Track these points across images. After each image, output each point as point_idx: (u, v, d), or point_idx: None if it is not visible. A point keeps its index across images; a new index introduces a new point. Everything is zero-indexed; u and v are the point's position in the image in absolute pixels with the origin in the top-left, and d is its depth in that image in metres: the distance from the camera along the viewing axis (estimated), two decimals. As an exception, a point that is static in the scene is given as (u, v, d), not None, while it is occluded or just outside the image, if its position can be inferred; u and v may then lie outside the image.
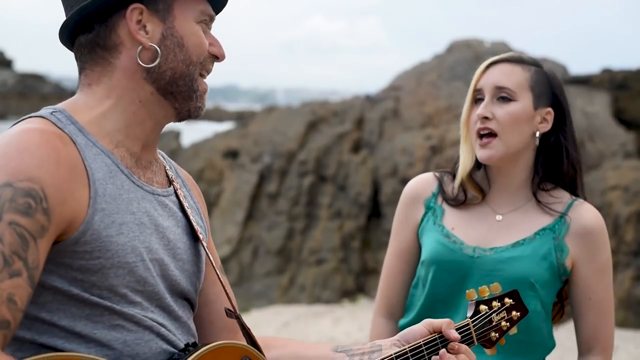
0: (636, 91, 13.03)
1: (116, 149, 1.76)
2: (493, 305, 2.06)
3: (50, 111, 1.74)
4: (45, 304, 1.64)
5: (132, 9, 1.75)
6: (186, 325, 1.82)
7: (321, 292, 12.05)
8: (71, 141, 1.69)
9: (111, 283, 1.67)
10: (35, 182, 1.59)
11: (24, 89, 48.66)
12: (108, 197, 1.69)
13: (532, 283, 2.42)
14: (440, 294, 2.47)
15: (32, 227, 1.57)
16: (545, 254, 2.44)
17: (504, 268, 2.42)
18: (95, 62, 1.78)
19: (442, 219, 2.53)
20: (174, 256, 1.80)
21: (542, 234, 2.47)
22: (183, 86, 1.79)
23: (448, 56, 14.10)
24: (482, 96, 2.48)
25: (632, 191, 10.60)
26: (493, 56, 2.57)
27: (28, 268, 1.56)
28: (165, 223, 1.79)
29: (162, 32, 1.77)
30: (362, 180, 12.49)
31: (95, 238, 1.65)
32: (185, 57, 1.79)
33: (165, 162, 1.93)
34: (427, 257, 2.49)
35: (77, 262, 1.64)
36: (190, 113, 1.84)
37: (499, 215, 2.51)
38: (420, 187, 2.59)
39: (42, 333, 1.65)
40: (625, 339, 9.34)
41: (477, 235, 2.49)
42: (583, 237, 2.46)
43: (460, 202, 2.53)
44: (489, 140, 2.44)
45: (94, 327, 1.66)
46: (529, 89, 2.47)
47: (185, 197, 1.90)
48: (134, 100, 1.78)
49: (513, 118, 2.44)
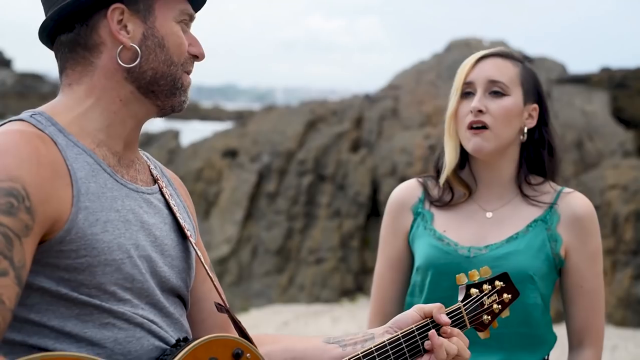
0: (635, 90, 13.03)
1: (98, 148, 1.75)
2: (484, 288, 2.06)
3: (30, 114, 1.74)
4: (34, 305, 1.64)
5: (113, 8, 1.76)
6: (179, 322, 1.81)
7: (320, 292, 12.04)
8: (52, 141, 1.68)
9: (99, 281, 1.66)
10: (17, 181, 1.58)
11: (23, 89, 48.63)
12: (91, 195, 1.68)
13: (531, 276, 2.42)
14: (438, 298, 2.43)
15: (15, 226, 1.56)
16: (540, 246, 2.45)
17: (501, 264, 2.41)
18: (76, 61, 1.78)
19: (432, 223, 2.52)
20: (162, 252, 1.79)
21: (534, 225, 2.47)
22: (164, 85, 1.80)
23: (447, 55, 14.09)
24: (472, 90, 2.48)
25: (631, 190, 10.59)
26: None
27: (14, 267, 1.55)
28: (151, 220, 1.79)
29: (143, 32, 1.78)
30: (361, 179, 12.49)
31: (80, 236, 1.64)
32: (166, 58, 1.79)
33: (149, 161, 1.93)
34: (423, 262, 2.48)
35: (63, 262, 1.64)
36: (173, 108, 1.84)
37: (488, 212, 2.51)
38: (405, 194, 2.58)
39: (32, 334, 1.64)
40: (624, 338, 9.34)
41: (469, 235, 2.48)
42: (574, 223, 2.47)
43: (447, 202, 2.52)
44: (481, 131, 2.44)
45: (84, 326, 1.66)
46: (520, 84, 2.48)
47: (171, 195, 1.90)
48: (115, 99, 1.78)
49: (506, 112, 2.45)
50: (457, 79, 2.51)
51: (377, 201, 12.40)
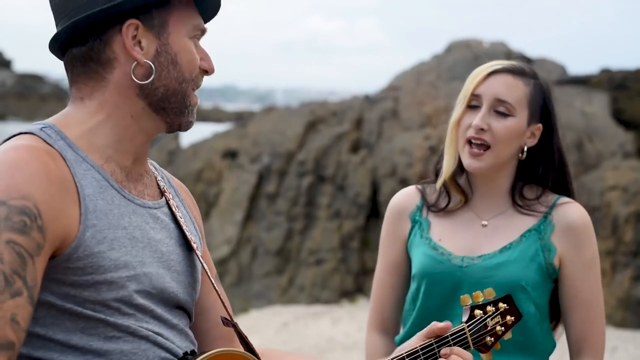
0: (635, 91, 13.03)
1: (106, 163, 1.74)
2: (487, 310, 2.07)
3: (40, 127, 1.72)
4: (40, 318, 1.63)
5: (129, 24, 1.73)
6: (183, 332, 1.81)
7: (320, 293, 12.04)
8: (61, 157, 1.67)
9: (103, 298, 1.66)
10: (29, 199, 1.58)
11: (23, 90, 48.63)
12: (99, 212, 1.67)
13: (522, 286, 2.42)
14: (432, 307, 2.47)
15: (29, 245, 1.56)
16: (532, 256, 2.44)
17: (493, 274, 2.42)
18: (88, 76, 1.76)
19: (428, 232, 2.52)
20: (169, 268, 1.78)
21: (528, 235, 2.46)
22: (175, 103, 1.78)
23: (447, 56, 14.10)
24: (478, 103, 2.46)
25: (631, 191, 10.60)
26: (492, 56, 2.56)
27: (27, 287, 1.55)
28: (157, 236, 1.78)
29: (156, 49, 1.75)
30: (361, 180, 12.49)
31: (87, 254, 1.64)
32: (178, 75, 1.77)
33: (157, 172, 1.91)
34: (417, 271, 2.49)
35: (69, 278, 1.63)
36: (180, 127, 1.82)
37: (484, 221, 2.51)
38: (404, 201, 2.58)
39: (37, 348, 1.64)
40: (624, 339, 9.34)
41: (464, 244, 2.48)
42: (568, 233, 2.46)
43: (443, 207, 2.52)
44: (480, 152, 2.44)
45: (89, 339, 1.65)
46: (527, 106, 2.46)
47: (177, 207, 1.89)
48: (126, 115, 1.76)
49: (508, 133, 2.44)
50: (465, 88, 2.49)
51: (377, 202, 12.40)
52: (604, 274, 10.40)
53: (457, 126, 2.49)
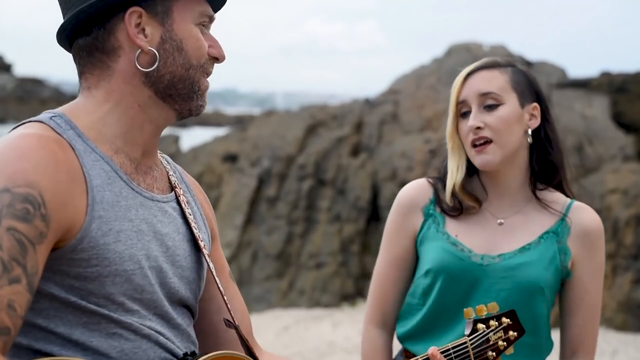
0: (635, 94, 13.03)
1: (115, 155, 1.73)
2: (490, 324, 2.06)
3: (49, 116, 1.72)
4: (42, 310, 1.63)
5: (131, 12, 1.73)
6: (186, 332, 1.79)
7: (320, 296, 12.04)
8: (69, 147, 1.66)
9: (108, 291, 1.65)
10: (34, 187, 1.57)
11: (23, 93, 48.65)
12: (106, 204, 1.66)
13: (542, 288, 2.41)
14: (447, 303, 2.45)
15: (30, 233, 1.55)
16: (551, 258, 2.44)
17: (514, 275, 2.41)
18: (94, 65, 1.76)
19: (444, 227, 2.49)
20: (173, 263, 1.77)
21: (546, 237, 2.46)
22: (182, 89, 1.77)
23: (447, 59, 14.10)
24: (467, 108, 2.47)
25: (631, 194, 10.59)
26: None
27: (27, 274, 1.54)
28: (164, 229, 1.77)
29: (161, 36, 1.75)
30: (361, 184, 12.49)
31: (92, 246, 1.63)
32: (184, 61, 1.76)
33: (169, 166, 1.91)
34: (434, 266, 2.45)
35: (74, 270, 1.62)
36: (191, 112, 1.81)
37: (499, 219, 2.49)
38: (416, 194, 2.55)
39: (38, 339, 1.63)
40: (625, 343, 9.34)
41: (481, 242, 2.47)
42: (583, 238, 2.47)
43: (457, 212, 2.50)
44: (485, 146, 2.44)
45: (90, 335, 1.64)
46: (512, 89, 2.47)
47: (188, 203, 1.87)
48: (133, 104, 1.75)
49: (505, 121, 2.44)
50: (451, 100, 2.50)
51: (377, 206, 12.40)
52: (605, 277, 10.40)
53: (453, 136, 2.49)
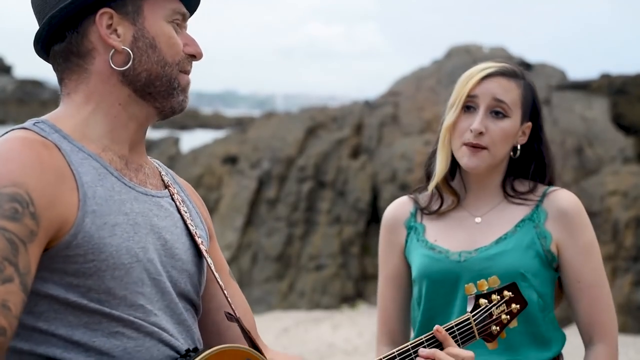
0: (635, 96, 13.03)
1: (104, 152, 1.74)
2: (492, 298, 2.06)
3: (33, 122, 1.73)
4: (42, 313, 1.63)
5: (101, 13, 1.74)
6: (190, 329, 1.79)
7: (320, 298, 12.03)
8: (56, 147, 1.67)
9: (108, 285, 1.64)
10: (20, 187, 1.57)
11: (23, 95, 48.68)
12: (99, 198, 1.67)
13: (522, 274, 2.42)
14: (436, 307, 2.47)
15: (20, 231, 1.55)
16: (529, 244, 2.45)
17: (491, 265, 2.43)
18: (71, 70, 1.77)
19: (424, 235, 2.54)
20: (172, 256, 1.77)
21: (522, 225, 2.48)
22: (160, 86, 1.78)
23: (447, 61, 14.10)
24: (474, 105, 2.48)
25: (631, 196, 10.59)
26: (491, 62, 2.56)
27: (20, 274, 1.54)
28: (161, 223, 1.77)
29: (133, 34, 1.76)
30: (361, 185, 12.49)
31: (87, 240, 1.63)
32: (159, 58, 1.77)
33: (160, 168, 1.91)
34: (417, 273, 2.51)
35: (71, 267, 1.62)
36: (173, 110, 1.82)
37: (477, 217, 2.53)
38: (397, 211, 2.61)
39: (40, 343, 1.63)
40: (625, 344, 9.34)
41: (460, 241, 2.50)
42: (561, 219, 2.47)
43: (436, 210, 2.54)
44: (478, 151, 2.46)
45: (92, 335, 1.64)
46: (520, 106, 2.50)
47: (183, 201, 1.87)
48: (114, 103, 1.76)
49: (505, 134, 2.47)
50: (460, 91, 2.51)
51: (377, 207, 12.40)
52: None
53: (451, 129, 2.50)
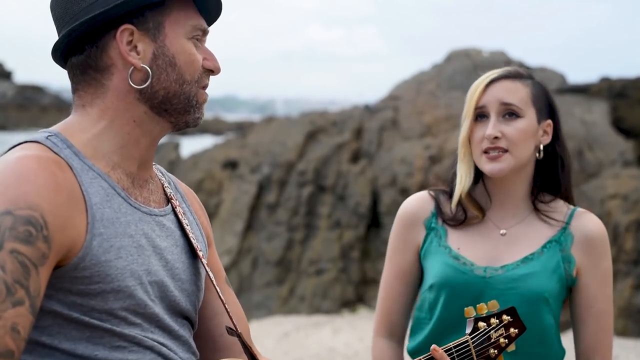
0: (635, 100, 13.04)
1: (112, 171, 1.74)
2: (491, 322, 2.07)
3: (45, 135, 1.72)
4: (46, 327, 1.64)
5: (122, 30, 1.73)
6: (187, 343, 1.80)
7: (321, 303, 12.03)
8: (67, 166, 1.67)
9: (110, 307, 1.66)
10: (35, 209, 1.57)
11: (23, 101, 48.75)
12: (106, 221, 1.67)
13: (546, 298, 2.40)
14: (452, 317, 2.42)
15: (33, 255, 1.56)
16: (554, 268, 2.43)
17: (517, 286, 2.40)
18: (87, 83, 1.76)
19: (446, 240, 2.48)
20: (173, 276, 1.78)
21: (549, 246, 2.45)
22: (178, 104, 1.77)
23: (447, 65, 14.11)
24: (485, 114, 2.46)
25: (631, 200, 10.59)
26: (491, 66, 2.56)
27: (30, 296, 1.55)
28: (163, 244, 1.78)
29: (153, 52, 1.74)
30: (361, 190, 12.49)
31: (94, 263, 1.64)
32: (178, 77, 1.76)
33: (163, 177, 1.91)
34: (437, 280, 2.44)
35: (76, 287, 1.63)
36: (188, 124, 1.81)
37: (502, 229, 2.48)
38: (417, 208, 2.53)
39: (43, 357, 1.64)
40: (625, 348, 9.33)
41: (484, 254, 2.45)
42: (587, 245, 2.45)
43: (460, 222, 2.48)
44: (499, 155, 2.42)
45: (94, 348, 1.65)
46: (532, 104, 2.47)
47: (184, 213, 1.88)
48: (128, 120, 1.76)
49: (522, 134, 2.43)
50: (468, 103, 2.48)
51: (377, 212, 12.40)
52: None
53: (467, 142, 2.47)
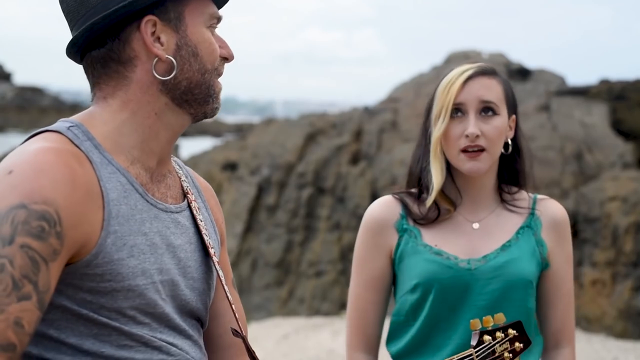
0: (634, 102, 13.05)
1: (131, 165, 1.73)
2: (496, 335, 2.06)
3: (67, 125, 1.70)
4: (54, 321, 1.63)
5: (147, 21, 1.71)
6: (197, 343, 1.80)
7: (320, 304, 12.03)
8: (87, 160, 1.66)
9: (120, 305, 1.65)
10: (50, 204, 1.56)
11: (22, 102, 48.76)
12: (121, 218, 1.66)
13: (530, 281, 2.44)
14: (440, 314, 2.43)
15: (44, 250, 1.54)
16: (532, 252, 2.47)
17: (503, 273, 2.42)
18: (109, 76, 1.74)
19: (422, 239, 2.47)
20: (185, 275, 1.78)
21: (522, 232, 2.49)
22: (199, 94, 1.77)
23: (446, 68, 14.10)
24: (462, 110, 2.46)
25: (630, 202, 10.59)
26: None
27: (38, 292, 1.53)
28: (177, 241, 1.77)
29: (176, 42, 1.74)
30: (361, 192, 12.49)
31: (106, 261, 1.63)
32: (200, 66, 1.75)
33: (181, 172, 1.90)
34: (423, 279, 2.43)
35: (87, 284, 1.62)
36: (206, 115, 1.82)
37: (475, 223, 2.50)
38: (385, 212, 2.52)
39: (49, 349, 1.63)
40: (625, 350, 9.33)
41: (462, 248, 2.46)
42: (554, 228, 2.52)
43: (433, 219, 2.48)
44: (478, 154, 2.44)
45: (101, 345, 1.65)
46: (505, 101, 2.49)
47: (199, 209, 1.87)
48: (150, 113, 1.75)
49: (498, 132, 2.45)
50: (444, 100, 2.46)
51: (376, 214, 12.39)
52: (604, 284, 10.40)
53: (442, 139, 2.47)
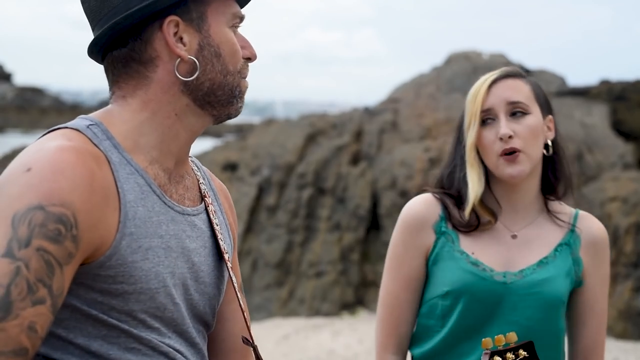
0: (634, 102, 13.05)
1: (150, 166, 1.71)
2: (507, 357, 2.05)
3: (86, 124, 1.69)
4: (63, 320, 1.62)
5: (169, 21, 1.70)
6: (201, 352, 1.79)
7: (320, 305, 12.03)
8: (106, 160, 1.64)
9: (131, 308, 1.64)
10: (68, 207, 1.55)
11: (23, 103, 48.76)
12: (138, 220, 1.65)
13: (563, 302, 2.40)
14: (469, 324, 2.38)
15: (59, 254, 1.53)
16: (568, 271, 2.42)
17: (538, 291, 2.37)
18: (130, 76, 1.73)
19: (460, 245, 2.41)
20: (196, 279, 1.77)
21: (561, 250, 2.44)
22: (222, 95, 1.75)
23: (446, 68, 14.12)
24: (491, 116, 2.41)
25: (631, 202, 10.59)
26: (491, 68, 2.53)
27: (52, 295, 1.52)
28: (192, 245, 1.76)
29: (199, 43, 1.72)
30: (361, 192, 12.49)
31: (120, 263, 1.62)
32: (222, 67, 1.73)
33: (199, 172, 1.88)
34: (456, 287, 2.38)
35: (99, 285, 1.62)
36: (229, 116, 1.80)
37: (513, 232, 2.45)
38: (424, 211, 2.45)
39: (56, 349, 1.63)
40: (625, 351, 9.33)
41: (498, 259, 2.41)
42: (593, 247, 2.45)
43: (474, 228, 2.42)
44: (516, 156, 2.38)
45: (109, 347, 1.64)
46: (536, 100, 2.44)
47: (215, 212, 1.86)
48: (170, 113, 1.73)
49: (532, 131, 2.40)
50: (472, 108, 2.43)
51: (377, 214, 12.40)
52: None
53: (475, 147, 2.43)
